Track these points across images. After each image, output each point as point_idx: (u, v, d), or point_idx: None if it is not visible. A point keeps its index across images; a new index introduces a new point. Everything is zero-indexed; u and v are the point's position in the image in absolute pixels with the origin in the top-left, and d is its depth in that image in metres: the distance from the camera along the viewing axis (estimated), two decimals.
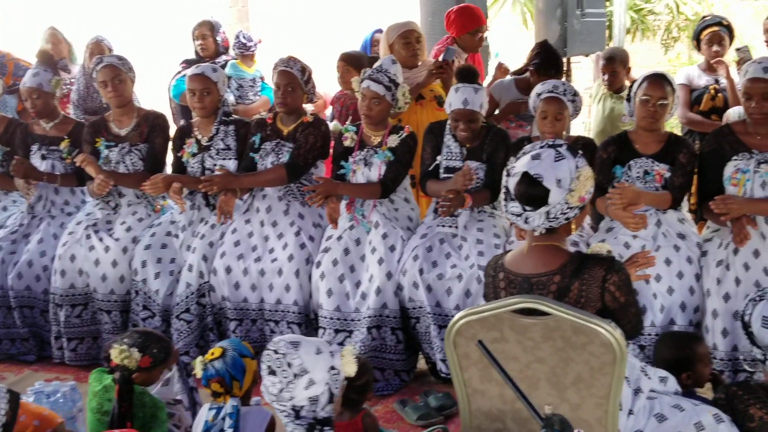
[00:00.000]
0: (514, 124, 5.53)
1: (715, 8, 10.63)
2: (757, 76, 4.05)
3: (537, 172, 2.61)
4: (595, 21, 6.53)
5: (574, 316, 2.47)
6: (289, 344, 2.59)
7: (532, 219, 2.67)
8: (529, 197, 2.64)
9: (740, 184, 4.10)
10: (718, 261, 4.07)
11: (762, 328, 2.86)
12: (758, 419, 2.87)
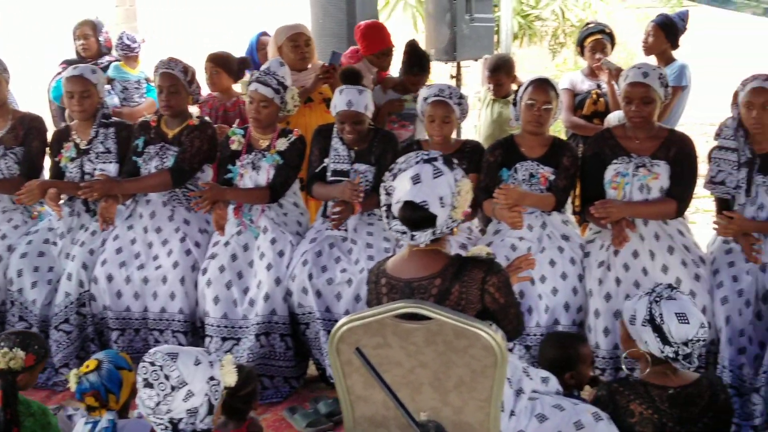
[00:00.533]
0: (397, 124, 5.54)
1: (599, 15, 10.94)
2: (636, 81, 4.16)
3: (421, 199, 2.62)
4: (483, 26, 6.62)
5: (456, 319, 2.47)
6: (167, 355, 2.51)
7: (418, 237, 2.67)
8: (414, 221, 2.65)
9: (620, 188, 4.21)
10: (600, 262, 4.17)
11: (680, 324, 2.92)
12: (638, 414, 2.94)
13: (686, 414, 2.94)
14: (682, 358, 2.93)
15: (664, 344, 2.92)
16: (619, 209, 4.09)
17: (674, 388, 2.96)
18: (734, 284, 4.07)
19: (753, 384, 3.97)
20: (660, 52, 5.59)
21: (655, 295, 2.99)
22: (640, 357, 3.04)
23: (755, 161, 4.17)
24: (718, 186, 4.22)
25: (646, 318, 2.94)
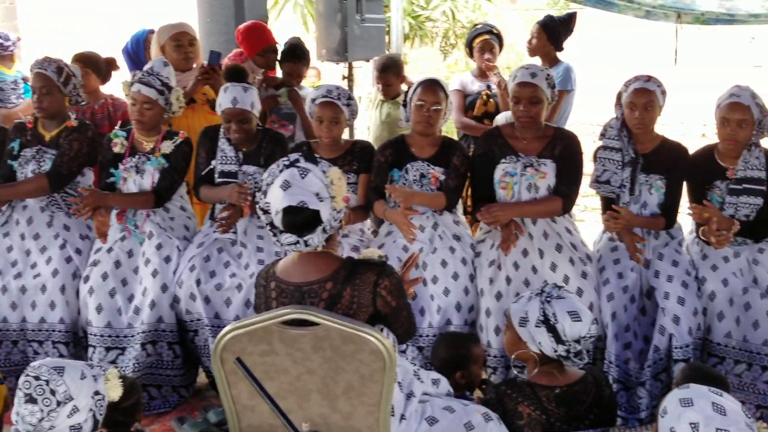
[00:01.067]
0: (277, 124, 5.47)
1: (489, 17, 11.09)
2: (524, 81, 4.21)
3: (298, 200, 2.55)
4: (374, 26, 6.60)
5: (343, 324, 2.42)
6: (53, 369, 2.39)
7: (311, 240, 2.61)
8: (300, 224, 2.58)
9: (509, 187, 4.25)
10: (491, 261, 4.20)
11: (573, 322, 2.94)
12: (527, 416, 2.95)
13: (573, 412, 2.97)
14: (574, 355, 2.96)
15: (558, 343, 2.94)
16: (505, 211, 4.12)
17: (561, 387, 2.99)
18: (620, 281, 4.16)
19: (638, 378, 4.07)
20: (544, 53, 5.68)
21: (545, 295, 3.01)
22: (529, 358, 3.05)
23: (638, 161, 4.28)
24: (603, 185, 4.31)
25: (540, 319, 2.95)
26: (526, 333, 2.99)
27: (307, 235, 2.59)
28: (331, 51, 6.58)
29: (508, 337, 3.11)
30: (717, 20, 5.73)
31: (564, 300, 2.99)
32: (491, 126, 5.42)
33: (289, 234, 2.60)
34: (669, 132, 8.29)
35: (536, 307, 2.98)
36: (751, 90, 4.16)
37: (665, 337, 4.00)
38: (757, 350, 4.05)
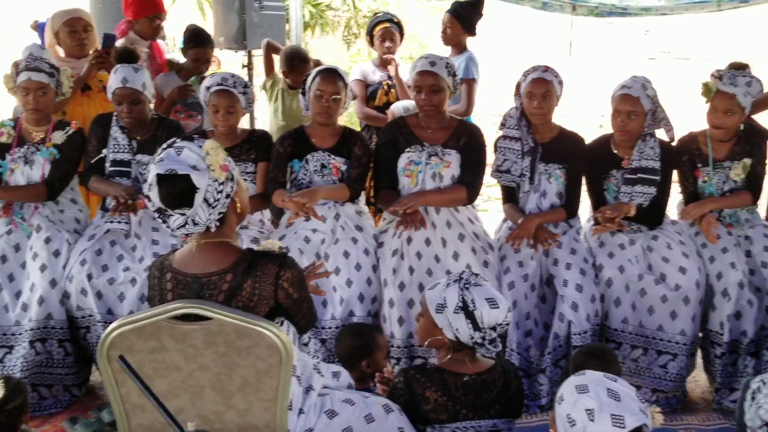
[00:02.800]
0: (184, 114, 5.32)
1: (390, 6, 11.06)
2: (425, 70, 4.19)
3: (167, 168, 2.47)
4: (274, 14, 6.47)
5: (237, 318, 2.34)
6: None
7: (198, 217, 2.51)
8: (176, 195, 2.48)
9: (413, 176, 4.23)
10: (393, 251, 4.17)
11: (491, 309, 2.92)
12: (433, 401, 2.94)
13: (480, 400, 2.97)
14: (489, 342, 2.95)
15: (475, 330, 2.93)
16: (413, 201, 4.10)
17: (469, 375, 2.99)
18: (520, 269, 4.19)
19: (539, 365, 4.12)
20: (457, 42, 5.64)
21: (463, 282, 2.99)
22: (442, 345, 3.03)
23: (538, 150, 4.33)
24: (504, 174, 4.34)
25: (459, 305, 2.93)
26: (444, 319, 2.97)
27: (188, 210, 2.49)
28: (230, 39, 6.43)
29: (422, 323, 3.09)
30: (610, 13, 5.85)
31: (482, 287, 2.99)
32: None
33: (175, 215, 2.50)
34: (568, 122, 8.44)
35: (455, 294, 2.96)
36: (644, 81, 4.24)
37: (564, 323, 4.06)
38: (652, 335, 4.15)
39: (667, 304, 4.10)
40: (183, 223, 2.53)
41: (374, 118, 5.62)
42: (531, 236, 4.20)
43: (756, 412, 2.26)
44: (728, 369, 4.13)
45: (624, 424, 2.28)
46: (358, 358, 3.43)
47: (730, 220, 4.32)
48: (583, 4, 5.75)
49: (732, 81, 4.16)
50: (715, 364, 4.16)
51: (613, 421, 2.28)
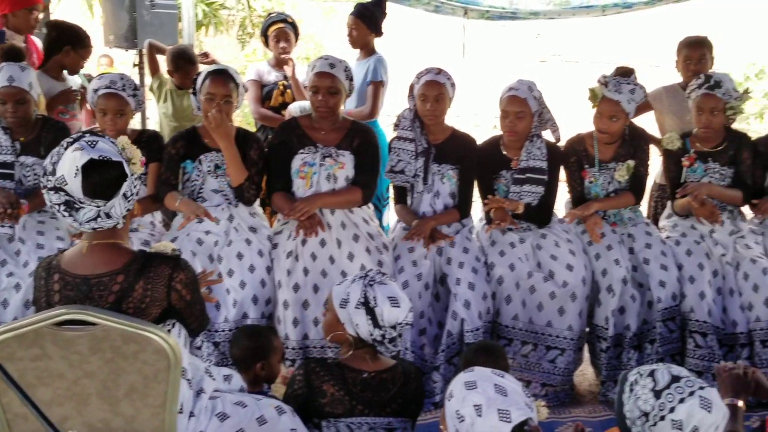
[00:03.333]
0: (68, 115, 5.18)
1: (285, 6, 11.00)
2: (323, 71, 4.19)
3: (99, 154, 2.42)
4: (166, 13, 6.36)
5: (124, 324, 2.30)
6: None
7: (113, 209, 2.47)
8: (104, 184, 2.44)
9: (307, 177, 4.23)
10: (288, 252, 4.16)
11: (392, 308, 2.93)
12: (330, 395, 2.95)
13: (377, 398, 2.99)
14: (388, 341, 2.98)
15: (375, 327, 2.95)
16: (309, 204, 4.10)
17: (369, 373, 3.00)
18: (414, 269, 4.25)
19: (433, 363, 4.19)
20: (364, 43, 5.64)
21: (368, 279, 3.01)
22: (344, 340, 3.05)
23: (431, 151, 4.39)
24: (398, 175, 4.38)
25: (361, 301, 2.95)
26: (346, 314, 2.98)
27: (104, 202, 2.44)
28: (120, 37, 6.29)
29: (328, 318, 3.09)
30: (501, 16, 5.99)
31: (386, 285, 3.01)
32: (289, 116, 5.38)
33: (89, 206, 2.44)
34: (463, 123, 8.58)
35: (358, 290, 2.97)
36: (530, 83, 4.36)
37: (457, 321, 4.13)
38: (541, 331, 4.26)
39: (556, 300, 4.22)
40: (95, 216, 2.47)
41: (270, 119, 5.59)
42: (426, 239, 4.26)
43: (634, 404, 2.35)
44: (613, 362, 4.29)
45: (510, 418, 2.34)
46: (253, 360, 3.40)
47: (614, 219, 4.47)
48: (475, 8, 5.86)
49: (617, 88, 4.31)
50: (600, 357, 4.31)
51: (500, 416, 2.34)
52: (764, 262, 4.28)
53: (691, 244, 4.40)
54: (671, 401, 2.28)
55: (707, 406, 2.26)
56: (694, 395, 2.27)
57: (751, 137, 4.60)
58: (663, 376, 2.34)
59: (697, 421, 2.25)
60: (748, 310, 4.24)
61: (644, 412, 2.32)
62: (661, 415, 2.28)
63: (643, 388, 2.34)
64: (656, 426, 2.29)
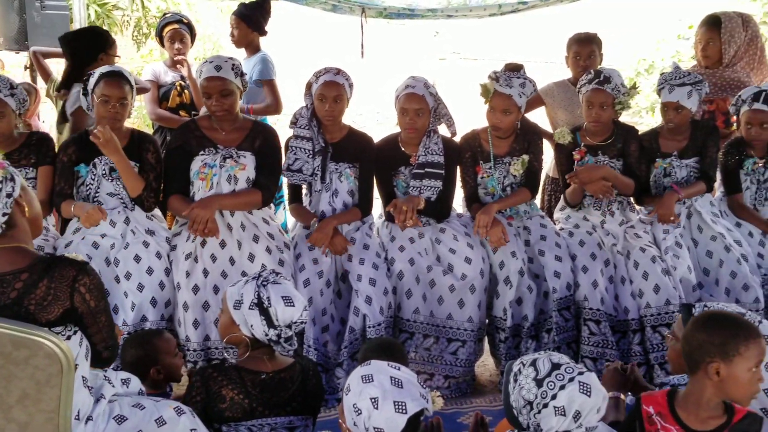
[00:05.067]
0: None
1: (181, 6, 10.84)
2: (210, 75, 4.14)
3: None
4: (57, 14, 6.21)
5: (13, 329, 2.26)
6: None
7: None
8: None
9: (207, 179, 4.20)
10: (187, 254, 4.13)
11: (286, 307, 2.95)
12: (229, 399, 2.94)
13: (276, 398, 3.00)
14: (284, 340, 2.99)
15: (270, 327, 2.95)
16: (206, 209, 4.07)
17: (267, 374, 3.01)
18: (315, 267, 4.27)
19: (336, 359, 4.22)
20: (248, 43, 5.63)
21: (261, 279, 3.02)
22: (241, 342, 3.04)
23: (328, 149, 4.42)
24: (296, 173, 4.39)
25: (254, 302, 2.95)
26: (240, 316, 2.98)
27: None
28: (9, 40, 6.11)
29: (223, 320, 3.09)
30: (399, 15, 6.04)
31: (279, 285, 3.02)
32: (187, 117, 5.34)
33: None
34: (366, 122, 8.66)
35: (251, 291, 2.97)
36: (424, 80, 4.44)
37: (359, 317, 4.18)
38: (442, 324, 4.35)
39: (455, 293, 4.31)
40: None
41: (167, 120, 5.52)
42: (328, 240, 4.28)
43: (519, 393, 2.43)
44: (512, 352, 4.40)
45: (406, 409, 2.40)
46: (144, 367, 3.36)
47: (511, 213, 4.59)
48: (372, 6, 5.91)
49: (508, 82, 4.42)
50: (500, 348, 4.42)
51: (396, 407, 2.40)
52: (653, 250, 4.45)
53: (583, 235, 4.55)
54: (552, 389, 2.37)
55: (587, 391, 2.36)
56: (574, 381, 2.37)
57: (638, 131, 4.77)
58: (544, 364, 2.43)
59: (578, 406, 2.35)
60: (639, 297, 4.40)
61: (528, 401, 2.40)
62: (544, 403, 2.37)
63: (526, 377, 2.43)
64: (540, 414, 2.37)
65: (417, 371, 4.26)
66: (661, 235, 4.51)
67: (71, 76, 4.98)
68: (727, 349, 2.51)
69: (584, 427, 2.38)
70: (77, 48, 5.03)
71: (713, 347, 2.53)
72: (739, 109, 4.65)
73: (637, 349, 4.37)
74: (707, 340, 2.54)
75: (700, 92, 4.49)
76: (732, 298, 4.33)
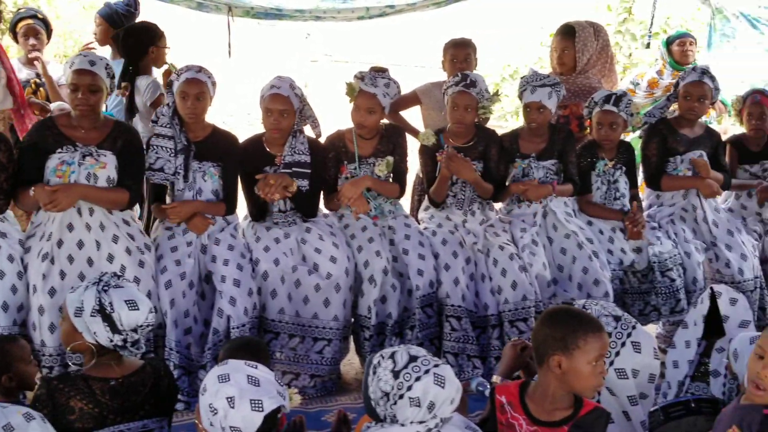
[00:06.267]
0: None
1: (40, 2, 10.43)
2: (83, 68, 4.04)
3: None
4: None
5: None
6: None
7: None
8: None
9: (65, 176, 4.05)
10: (43, 255, 3.99)
11: (130, 311, 2.87)
12: (78, 410, 2.85)
13: (128, 403, 2.93)
14: (131, 345, 2.92)
15: (114, 333, 2.88)
16: (68, 194, 3.96)
17: (116, 379, 2.93)
18: (177, 268, 4.21)
19: (200, 361, 4.18)
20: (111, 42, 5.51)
21: (102, 284, 2.93)
22: (86, 350, 2.96)
23: (191, 148, 4.36)
24: (158, 172, 4.32)
25: (96, 308, 2.86)
26: (82, 323, 2.89)
27: None
28: None
29: (64, 328, 2.98)
30: (266, 14, 6.00)
31: (121, 289, 2.94)
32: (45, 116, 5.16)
33: None
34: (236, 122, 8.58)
35: (92, 297, 2.89)
36: (290, 81, 4.45)
37: (224, 319, 4.15)
38: (308, 323, 4.38)
39: (321, 292, 4.34)
40: None
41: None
42: (183, 216, 4.31)
43: (377, 385, 2.48)
44: (377, 350, 4.31)
45: (262, 407, 2.40)
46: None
47: (376, 213, 4.65)
48: (239, 5, 5.86)
49: (373, 82, 4.49)
50: (365, 346, 4.47)
51: (252, 406, 2.40)
52: (511, 248, 4.60)
53: (446, 234, 4.66)
54: (408, 380, 2.42)
55: (441, 382, 2.43)
56: (429, 373, 2.43)
57: (498, 134, 4.92)
58: (402, 357, 2.48)
59: (432, 397, 2.41)
60: (498, 293, 4.55)
61: (385, 392, 2.45)
62: (400, 394, 2.42)
63: (384, 369, 2.47)
64: (396, 405, 2.43)
65: (283, 371, 4.34)
66: (518, 233, 4.68)
67: (129, 71, 5.21)
68: (567, 342, 2.62)
69: (438, 417, 2.45)
70: (129, 44, 5.24)
71: (555, 341, 2.64)
72: (592, 111, 4.87)
73: (496, 344, 4.51)
74: (550, 334, 2.66)
75: (559, 94, 4.69)
76: (584, 292, 4.53)
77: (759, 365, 2.53)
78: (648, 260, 4.72)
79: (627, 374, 2.79)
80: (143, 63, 5.26)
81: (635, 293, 4.80)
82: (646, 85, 6.44)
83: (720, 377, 3.26)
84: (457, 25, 10.15)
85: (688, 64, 6.12)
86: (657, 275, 4.71)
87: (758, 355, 2.56)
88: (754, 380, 2.54)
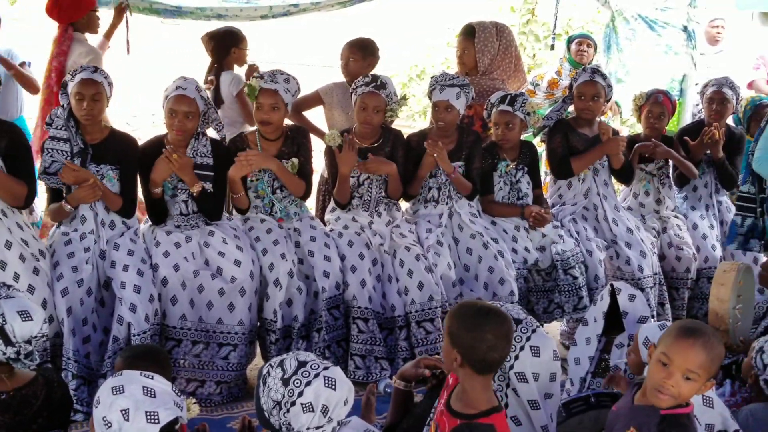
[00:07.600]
0: None
1: None
2: None
3: None
4: None
5: None
6: None
7: None
8: None
9: None
10: None
11: (24, 322, 2.78)
12: None
13: (20, 417, 2.84)
14: (24, 356, 2.81)
15: (7, 345, 2.77)
16: None
17: (8, 393, 2.84)
18: (74, 275, 4.08)
19: (100, 371, 4.06)
20: None
21: None
22: None
23: (88, 151, 4.22)
24: (53, 177, 4.17)
25: None
26: None
27: None
28: None
29: None
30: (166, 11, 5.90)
31: (13, 299, 2.84)
32: None
33: None
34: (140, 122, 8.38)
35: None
36: (196, 82, 4.36)
37: (124, 326, 4.04)
38: (212, 329, 4.29)
39: (225, 297, 4.27)
40: None
41: None
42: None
43: (268, 395, 2.44)
44: (283, 353, 4.38)
45: (158, 419, 2.33)
46: None
47: (281, 215, 4.59)
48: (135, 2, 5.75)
49: (273, 79, 4.45)
50: (271, 350, 4.41)
51: (147, 418, 2.33)
52: (417, 249, 4.61)
53: (352, 236, 4.64)
54: (299, 386, 2.39)
55: (331, 385, 2.40)
56: (319, 376, 2.40)
57: (404, 135, 4.92)
58: (290, 363, 2.45)
59: (324, 400, 2.38)
60: (405, 294, 4.55)
61: (276, 402, 2.41)
62: (292, 401, 2.38)
63: (274, 378, 2.43)
64: (290, 412, 2.39)
65: (188, 379, 4.25)
66: (424, 234, 4.69)
67: (215, 68, 5.93)
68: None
69: (335, 420, 2.42)
70: (215, 45, 5.93)
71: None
72: (490, 113, 4.92)
73: (404, 345, 4.52)
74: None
75: (468, 96, 4.73)
76: (490, 292, 4.58)
77: (663, 373, 2.46)
78: (551, 258, 4.80)
79: (527, 378, 2.80)
80: (226, 61, 5.89)
81: (540, 291, 4.87)
82: (546, 86, 6.54)
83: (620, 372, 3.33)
84: (365, 24, 10.17)
85: (584, 65, 6.23)
86: (560, 273, 4.78)
87: (661, 362, 2.48)
88: (656, 388, 2.48)
